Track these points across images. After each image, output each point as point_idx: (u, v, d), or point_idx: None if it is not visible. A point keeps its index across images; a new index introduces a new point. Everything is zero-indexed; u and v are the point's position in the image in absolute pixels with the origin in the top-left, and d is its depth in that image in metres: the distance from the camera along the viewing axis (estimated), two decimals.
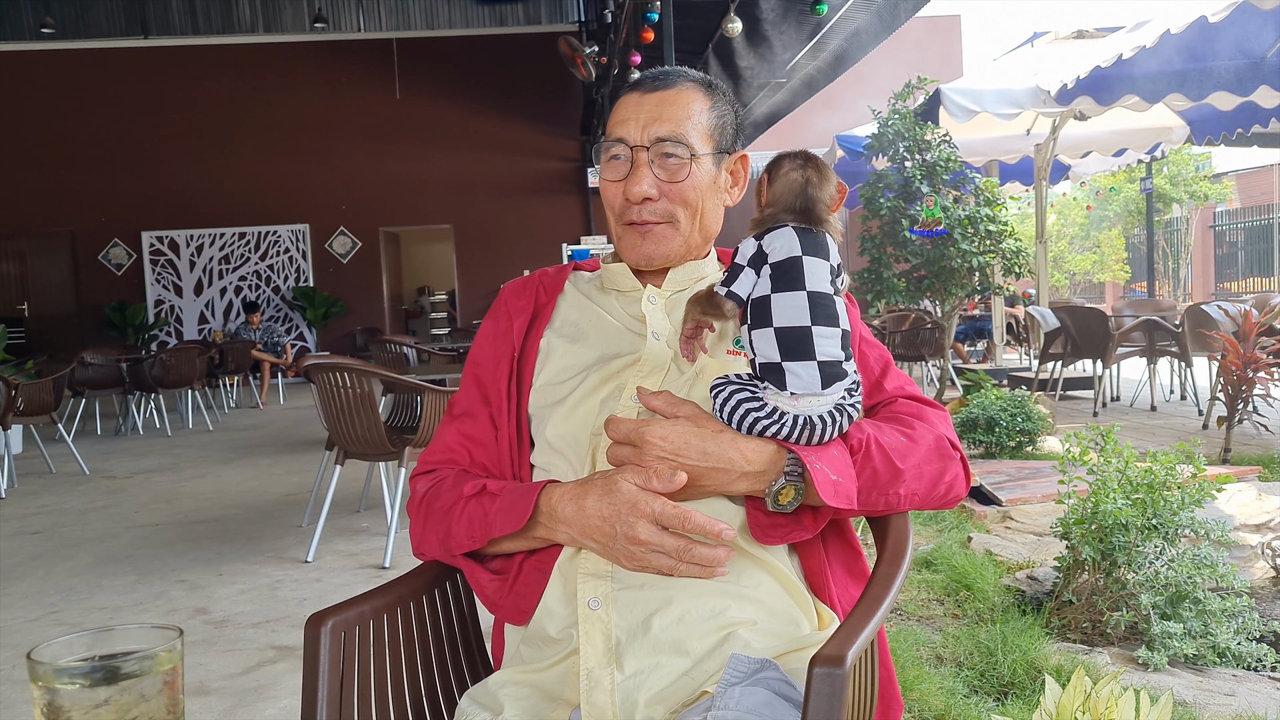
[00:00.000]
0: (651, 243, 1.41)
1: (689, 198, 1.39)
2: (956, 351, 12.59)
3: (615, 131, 1.40)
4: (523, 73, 16.09)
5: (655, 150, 1.37)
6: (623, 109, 1.41)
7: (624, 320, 1.44)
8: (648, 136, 1.37)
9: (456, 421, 1.46)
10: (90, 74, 16.00)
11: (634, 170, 1.37)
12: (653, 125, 1.37)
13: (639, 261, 1.43)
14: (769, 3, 9.38)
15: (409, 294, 20.10)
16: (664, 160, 1.37)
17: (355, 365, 4.61)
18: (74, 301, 16.25)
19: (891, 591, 1.17)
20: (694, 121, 1.38)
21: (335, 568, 4.46)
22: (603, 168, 1.42)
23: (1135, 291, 23.44)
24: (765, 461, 1.20)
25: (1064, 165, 11.73)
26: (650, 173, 1.37)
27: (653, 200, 1.38)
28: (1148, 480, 3.01)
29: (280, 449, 8.47)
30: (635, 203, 1.38)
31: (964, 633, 3.05)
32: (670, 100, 1.39)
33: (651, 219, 1.39)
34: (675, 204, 1.39)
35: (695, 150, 1.37)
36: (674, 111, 1.38)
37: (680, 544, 1.16)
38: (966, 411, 6.06)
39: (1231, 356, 5.60)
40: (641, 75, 1.45)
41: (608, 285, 1.50)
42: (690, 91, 1.41)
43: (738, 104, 1.48)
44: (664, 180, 1.37)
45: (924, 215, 7.78)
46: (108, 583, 4.42)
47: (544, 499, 1.24)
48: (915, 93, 8.28)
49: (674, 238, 1.41)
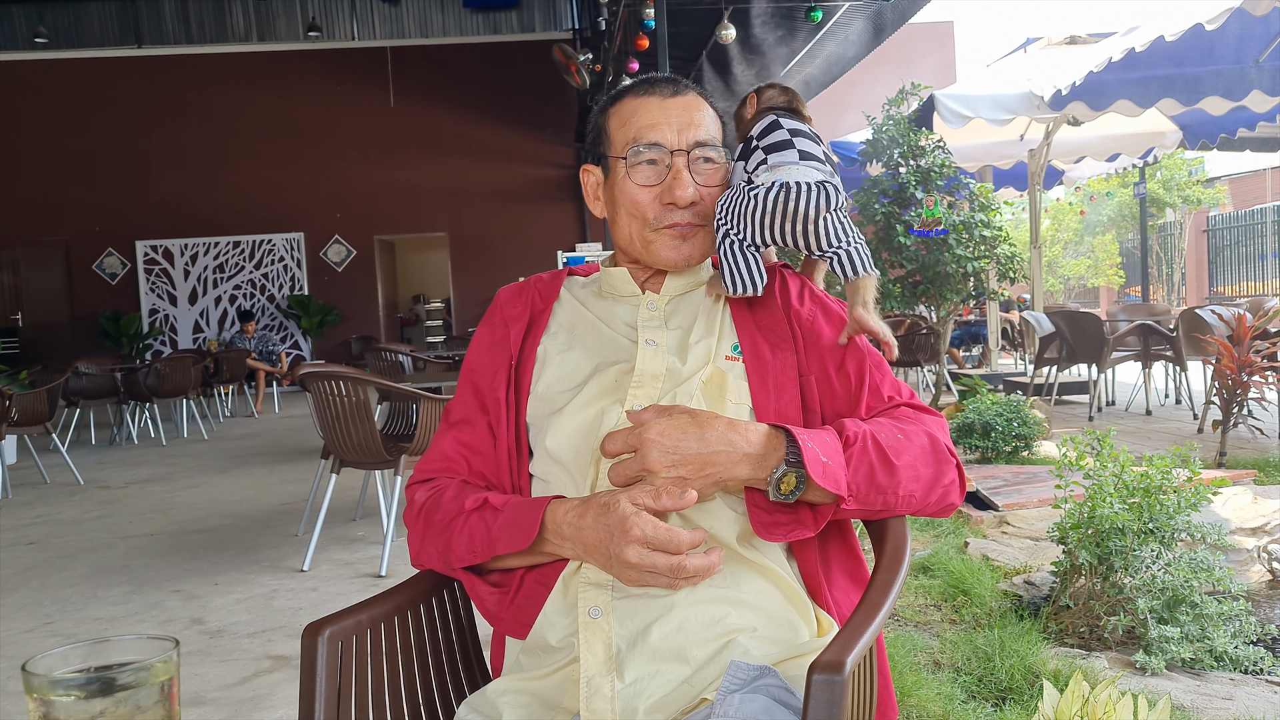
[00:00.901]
0: (691, 245, 1.42)
1: (718, 199, 1.41)
2: (952, 356, 12.61)
3: (647, 135, 1.39)
4: (517, 80, 16.11)
5: (696, 154, 1.39)
6: (646, 113, 1.41)
7: (620, 329, 1.43)
8: (686, 140, 1.38)
9: (454, 429, 1.45)
10: (84, 83, 16.01)
11: (676, 174, 1.38)
12: (688, 130, 1.39)
13: (680, 264, 1.43)
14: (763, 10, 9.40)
15: (404, 302, 20.10)
16: (701, 165, 1.39)
17: (351, 374, 4.60)
18: (68, 311, 16.23)
19: (889, 598, 1.17)
20: (716, 125, 1.43)
21: (331, 577, 4.44)
22: (631, 173, 1.40)
23: (1129, 296, 23.48)
24: (763, 442, 1.20)
25: (1058, 170, 11.76)
26: (690, 175, 1.39)
27: (697, 204, 1.39)
28: (1144, 484, 3.01)
29: (275, 458, 8.45)
30: (681, 206, 1.39)
31: (961, 638, 3.04)
32: (693, 105, 1.42)
33: (694, 221, 1.41)
34: (711, 205, 1.41)
35: (722, 155, 1.42)
36: (701, 116, 1.41)
37: (673, 563, 1.15)
38: (962, 416, 6.06)
39: (1226, 360, 5.61)
40: (649, 78, 1.45)
41: (605, 291, 1.49)
42: (700, 99, 1.44)
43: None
44: (701, 184, 1.39)
45: (924, 215, 7.80)
46: (103, 593, 4.41)
47: (549, 516, 1.23)
48: (909, 99, 8.30)
49: (706, 239, 1.43)
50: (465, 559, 1.31)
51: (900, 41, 15.05)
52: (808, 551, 1.30)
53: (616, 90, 1.48)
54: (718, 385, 1.33)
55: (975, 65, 44.49)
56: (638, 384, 1.34)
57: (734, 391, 1.33)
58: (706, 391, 1.33)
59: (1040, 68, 8.54)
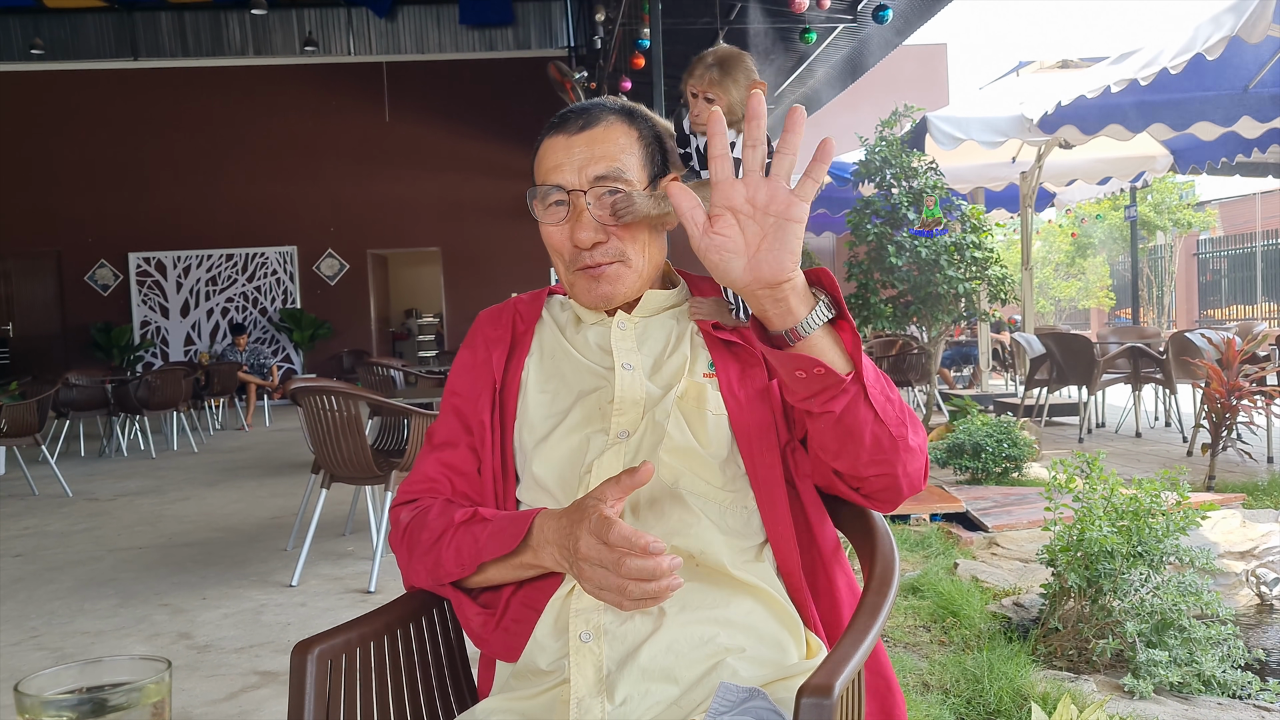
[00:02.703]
0: (607, 284, 1.39)
1: (635, 234, 1.38)
2: (943, 377, 12.65)
3: (549, 178, 1.37)
4: (512, 97, 16.15)
5: (594, 191, 1.35)
6: (551, 154, 1.38)
7: (594, 355, 1.43)
8: (585, 178, 1.35)
9: (437, 451, 1.45)
10: (79, 95, 16.00)
11: (577, 215, 1.36)
12: (588, 166, 1.35)
13: (597, 304, 1.42)
14: (758, 30, 9.47)
15: (396, 316, 20.09)
16: (605, 200, 1.35)
17: (342, 388, 4.60)
18: (59, 322, 16.18)
19: (879, 621, 1.17)
20: (628, 154, 1.37)
21: (320, 592, 4.43)
22: (542, 215, 1.39)
23: (1120, 318, 23.59)
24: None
25: (1049, 193, 11.83)
26: (593, 216, 1.36)
27: (602, 242, 1.37)
28: (1133, 507, 3.03)
29: (265, 471, 8.43)
30: (585, 248, 1.36)
31: (950, 660, 3.05)
32: (599, 138, 1.37)
33: (604, 260, 1.38)
34: (624, 241, 1.38)
35: (634, 183, 1.36)
36: (606, 148, 1.36)
37: (614, 556, 1.09)
38: (953, 437, 6.08)
39: (1215, 384, 5.64)
40: (562, 115, 1.42)
41: (579, 315, 1.49)
42: (616, 125, 1.39)
43: (660, 123, 1.45)
44: (608, 219, 1.36)
45: (924, 215, 7.85)
46: (90, 606, 4.38)
47: (537, 521, 1.24)
48: (902, 120, 8.36)
49: (627, 274, 1.40)
50: (454, 572, 1.30)
51: (893, 63, 15.14)
52: (794, 575, 1.31)
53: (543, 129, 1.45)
54: (695, 398, 1.34)
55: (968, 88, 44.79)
56: (619, 411, 1.35)
57: (712, 403, 1.34)
58: (683, 406, 1.33)
59: (1032, 91, 8.60)
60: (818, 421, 1.20)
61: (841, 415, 1.16)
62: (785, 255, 1.05)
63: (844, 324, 1.13)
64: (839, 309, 1.12)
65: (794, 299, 1.08)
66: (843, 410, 1.16)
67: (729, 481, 1.32)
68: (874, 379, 1.18)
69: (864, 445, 1.20)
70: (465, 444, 1.43)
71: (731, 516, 1.32)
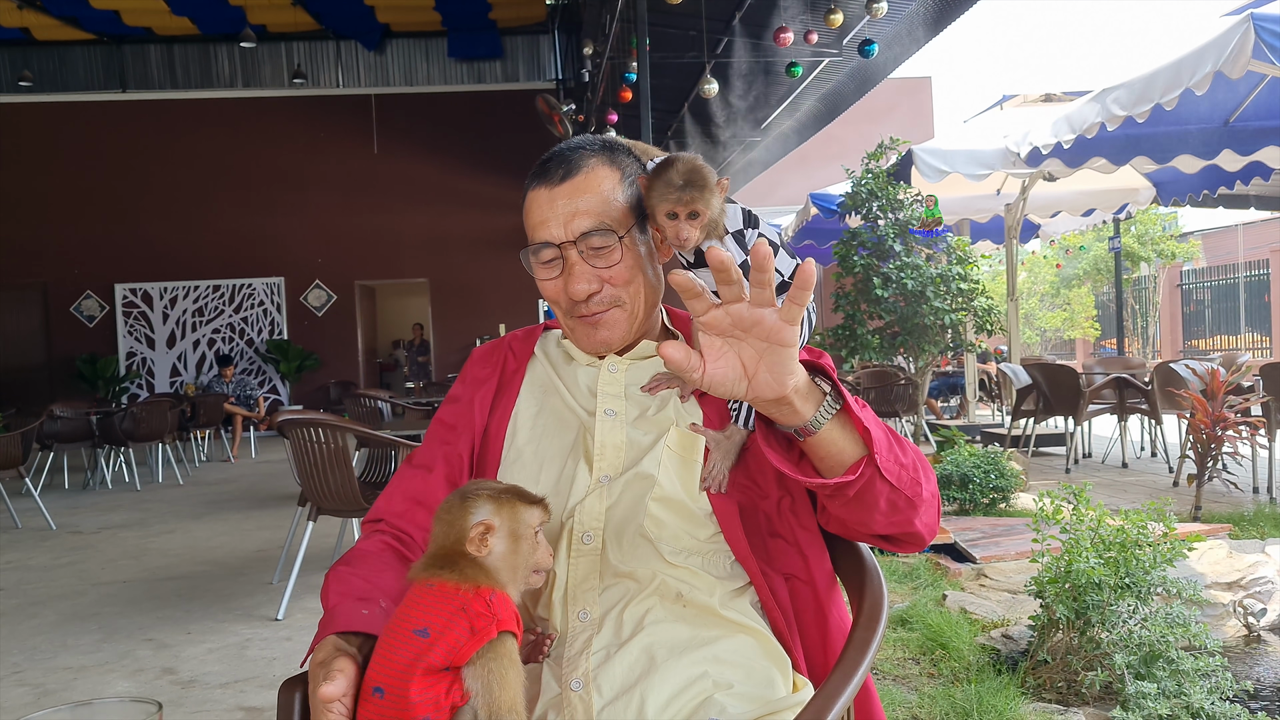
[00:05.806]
0: (605, 329, 1.41)
1: (628, 278, 1.39)
2: (930, 407, 12.67)
3: (538, 235, 1.38)
4: (500, 130, 16.22)
5: (583, 244, 1.35)
6: (537, 209, 1.38)
7: (581, 397, 1.44)
8: (572, 232, 1.35)
9: (415, 471, 1.45)
10: (67, 126, 16.02)
11: (569, 269, 1.36)
12: (573, 220, 1.35)
13: (597, 350, 1.43)
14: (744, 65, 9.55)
15: (384, 347, 20.06)
16: (595, 252, 1.36)
17: (329, 421, 4.59)
18: (44, 353, 16.10)
19: (867, 657, 1.17)
20: (611, 201, 1.36)
21: (307, 626, 4.39)
22: (536, 270, 1.40)
23: (1105, 348, 23.72)
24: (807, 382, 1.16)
25: (1034, 224, 11.91)
26: (586, 266, 1.36)
27: (596, 292, 1.37)
28: (1120, 539, 3.03)
29: (251, 504, 8.37)
30: (580, 300, 1.37)
31: (940, 693, 3.04)
32: (581, 187, 1.36)
33: (599, 309, 1.39)
34: (618, 287, 1.38)
35: (620, 232, 1.36)
36: (589, 199, 1.35)
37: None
38: (940, 468, 6.08)
39: (1200, 415, 5.67)
40: (543, 164, 1.41)
41: (571, 354, 1.50)
42: (597, 170, 1.38)
43: (639, 163, 1.43)
44: (601, 269, 1.36)
45: (924, 215, 7.90)
46: (73, 641, 4.34)
47: (328, 639, 1.14)
48: (888, 153, 8.44)
49: (623, 319, 1.41)
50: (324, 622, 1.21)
51: (879, 96, 15.28)
52: (779, 619, 1.30)
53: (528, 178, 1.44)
54: (688, 445, 1.35)
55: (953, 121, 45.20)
56: (600, 455, 1.36)
57: (702, 450, 1.35)
58: (672, 457, 1.34)
59: (1016, 124, 8.68)
60: (832, 500, 1.25)
61: (857, 494, 1.21)
62: (784, 376, 1.10)
63: (849, 410, 1.17)
64: (840, 393, 1.17)
65: (799, 402, 1.14)
66: (856, 492, 1.20)
67: (713, 535, 1.32)
68: (886, 451, 1.20)
69: (879, 510, 1.23)
70: (441, 471, 1.43)
71: (714, 566, 1.32)
